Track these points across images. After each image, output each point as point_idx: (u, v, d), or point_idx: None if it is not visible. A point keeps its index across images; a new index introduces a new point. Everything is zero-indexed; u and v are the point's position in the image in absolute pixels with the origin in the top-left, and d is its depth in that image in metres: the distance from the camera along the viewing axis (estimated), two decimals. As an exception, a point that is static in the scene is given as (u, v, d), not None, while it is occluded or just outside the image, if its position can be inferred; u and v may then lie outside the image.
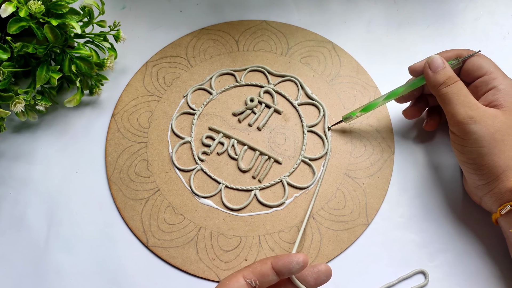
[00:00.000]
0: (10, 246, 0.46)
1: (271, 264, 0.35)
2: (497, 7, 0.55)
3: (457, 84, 0.41)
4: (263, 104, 0.51)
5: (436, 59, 0.42)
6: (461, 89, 0.41)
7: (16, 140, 0.50)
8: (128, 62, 0.54)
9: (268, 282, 0.35)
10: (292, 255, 0.35)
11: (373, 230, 0.45)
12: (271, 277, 0.35)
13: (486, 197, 0.41)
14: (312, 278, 0.36)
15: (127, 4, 0.58)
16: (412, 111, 0.47)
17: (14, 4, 0.42)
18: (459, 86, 0.41)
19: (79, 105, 0.51)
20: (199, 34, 0.55)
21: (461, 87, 0.41)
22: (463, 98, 0.40)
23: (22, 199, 0.48)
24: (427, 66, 0.43)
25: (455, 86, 0.41)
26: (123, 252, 0.45)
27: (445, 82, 0.41)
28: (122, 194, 0.47)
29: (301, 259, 0.34)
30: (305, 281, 0.36)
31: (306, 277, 0.36)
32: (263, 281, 0.35)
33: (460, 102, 0.40)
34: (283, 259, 0.35)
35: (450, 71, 0.42)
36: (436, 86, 0.42)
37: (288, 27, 0.55)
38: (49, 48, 0.46)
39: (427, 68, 0.43)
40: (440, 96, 0.42)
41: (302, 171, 0.48)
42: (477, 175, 0.40)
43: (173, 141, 0.49)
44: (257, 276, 0.35)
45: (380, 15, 0.55)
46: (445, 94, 0.41)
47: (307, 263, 0.35)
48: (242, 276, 0.35)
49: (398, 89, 0.45)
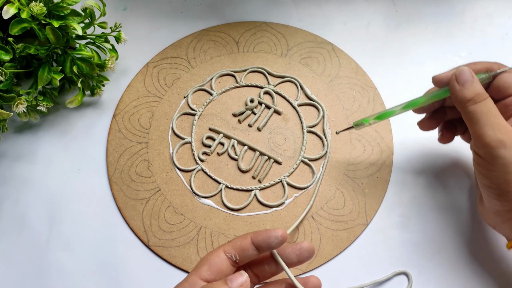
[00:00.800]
0: (11, 245, 0.46)
1: (251, 239, 0.35)
2: (495, 8, 0.55)
3: (486, 102, 0.37)
4: (263, 104, 0.51)
5: (465, 72, 0.38)
6: (491, 108, 0.37)
7: (18, 140, 0.51)
8: (129, 63, 0.54)
9: (248, 256, 0.35)
10: (271, 230, 0.35)
11: (372, 230, 0.45)
12: (251, 251, 0.35)
13: (505, 223, 0.38)
14: (295, 255, 0.36)
15: (128, 6, 0.58)
16: (429, 122, 0.44)
17: (16, 5, 0.42)
18: (488, 104, 0.37)
19: (80, 105, 0.51)
20: (199, 35, 0.55)
21: (491, 106, 0.37)
22: (492, 119, 0.36)
23: (24, 199, 0.48)
24: (454, 78, 0.39)
25: (484, 104, 0.37)
26: (124, 252, 0.45)
27: (473, 99, 0.37)
28: (123, 194, 0.47)
29: (279, 234, 0.35)
30: (288, 258, 0.36)
31: (288, 254, 0.36)
32: (243, 256, 0.35)
33: (489, 123, 0.36)
34: (263, 234, 0.35)
35: (479, 86, 0.38)
36: (463, 102, 0.38)
37: (288, 28, 0.55)
38: (50, 49, 0.46)
39: (454, 81, 0.39)
40: (466, 113, 0.38)
41: (301, 171, 0.48)
42: (500, 201, 0.37)
43: (174, 142, 0.50)
44: (237, 250, 0.35)
45: (379, 16, 0.56)
46: (472, 113, 0.37)
47: (285, 238, 0.35)
48: (223, 251, 0.35)
49: (419, 99, 0.42)
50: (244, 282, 0.32)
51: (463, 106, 0.38)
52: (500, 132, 0.36)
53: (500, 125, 0.36)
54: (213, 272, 0.35)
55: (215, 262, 0.35)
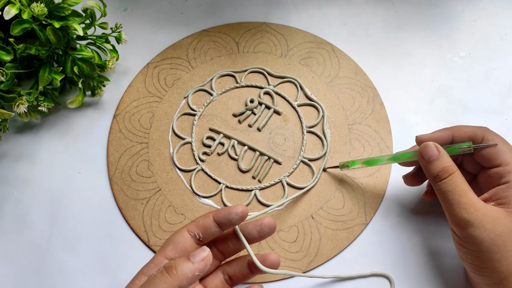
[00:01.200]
0: (13, 245, 0.46)
1: (213, 216, 0.37)
2: (494, 8, 0.56)
3: (452, 178, 0.37)
4: (263, 105, 0.51)
5: (428, 148, 0.38)
6: (458, 185, 0.36)
7: (19, 140, 0.51)
8: (130, 64, 0.54)
9: (211, 234, 0.37)
10: (232, 207, 0.37)
11: (371, 230, 0.45)
12: (214, 229, 0.37)
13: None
14: (256, 231, 0.38)
15: (129, 6, 0.58)
16: (413, 178, 0.44)
17: (17, 6, 0.42)
18: (455, 181, 0.36)
19: (81, 106, 0.51)
20: (199, 35, 0.56)
21: (458, 183, 0.36)
22: (458, 197, 0.36)
23: (25, 199, 0.48)
24: (420, 154, 0.39)
25: (450, 181, 0.36)
26: (124, 251, 0.46)
27: (439, 176, 0.37)
28: (123, 194, 0.48)
29: (239, 210, 0.36)
30: (250, 234, 0.38)
31: (250, 230, 0.38)
32: (206, 233, 0.37)
33: (455, 202, 0.36)
34: (224, 211, 0.37)
35: (446, 160, 0.37)
36: (430, 178, 0.38)
37: (288, 29, 0.55)
38: (51, 50, 0.47)
39: (420, 156, 0.39)
40: (435, 190, 0.38)
41: (301, 171, 0.48)
42: (478, 276, 0.37)
43: (174, 142, 0.50)
44: (200, 229, 0.37)
45: (378, 17, 0.56)
46: (439, 190, 0.37)
47: (246, 213, 0.37)
48: (187, 230, 0.37)
49: (405, 154, 0.41)
50: (206, 257, 0.33)
51: (432, 182, 0.38)
52: (466, 211, 0.35)
53: (468, 204, 0.35)
54: (178, 251, 0.36)
55: (179, 241, 0.36)
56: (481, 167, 0.40)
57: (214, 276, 0.39)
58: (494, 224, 0.35)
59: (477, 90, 0.51)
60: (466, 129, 0.40)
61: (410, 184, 0.44)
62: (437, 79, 0.52)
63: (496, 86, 0.51)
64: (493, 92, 0.51)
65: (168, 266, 0.33)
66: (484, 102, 0.51)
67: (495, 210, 0.36)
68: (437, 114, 0.50)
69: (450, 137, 0.40)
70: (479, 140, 0.39)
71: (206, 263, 0.33)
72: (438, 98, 0.51)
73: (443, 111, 0.50)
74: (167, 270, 0.32)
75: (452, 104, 0.51)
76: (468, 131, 0.39)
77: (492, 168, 0.38)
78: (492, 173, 0.38)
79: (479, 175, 0.41)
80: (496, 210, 0.36)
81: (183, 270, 0.32)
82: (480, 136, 0.39)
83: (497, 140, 0.38)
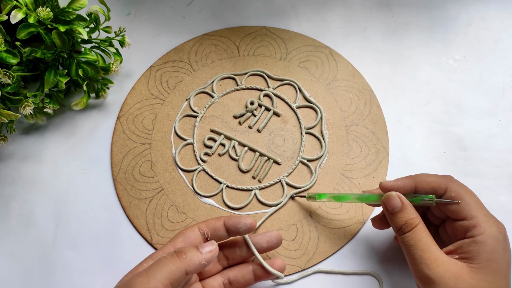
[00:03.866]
0: (19, 243, 0.47)
1: (224, 221, 0.40)
2: (488, 12, 0.56)
3: (415, 232, 0.35)
4: (262, 107, 0.52)
5: (392, 199, 0.37)
6: (420, 239, 0.35)
7: (25, 141, 0.52)
8: (133, 67, 0.55)
9: (219, 236, 0.39)
10: (242, 217, 0.40)
11: (368, 228, 0.46)
12: (222, 233, 0.39)
13: None
14: (265, 241, 0.41)
15: (132, 11, 0.59)
16: (380, 221, 0.42)
17: (24, 11, 0.43)
18: (417, 235, 0.35)
19: (85, 108, 0.52)
20: (201, 39, 0.56)
21: (420, 236, 0.35)
22: (420, 252, 0.35)
23: (31, 198, 0.49)
24: (383, 205, 0.38)
25: (412, 235, 0.35)
26: (128, 250, 0.46)
27: (402, 229, 0.36)
28: (127, 193, 0.48)
29: (248, 222, 0.40)
30: (259, 244, 0.41)
31: (259, 240, 0.41)
32: (214, 235, 0.39)
33: (418, 257, 0.35)
34: (234, 219, 0.40)
35: (409, 213, 0.36)
36: (394, 230, 0.37)
37: (287, 33, 0.56)
38: (57, 53, 0.47)
39: (384, 206, 0.38)
40: (400, 243, 0.37)
41: (300, 172, 0.49)
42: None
43: (176, 143, 0.51)
44: (210, 229, 0.39)
45: (375, 21, 0.57)
46: (403, 244, 0.36)
47: (254, 226, 0.40)
48: (198, 227, 0.39)
49: (371, 196, 0.40)
50: (213, 249, 0.36)
51: (396, 234, 0.37)
52: (428, 267, 0.34)
53: (430, 260, 0.34)
54: (187, 244, 0.38)
55: (189, 236, 0.39)
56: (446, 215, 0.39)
57: (214, 279, 0.41)
58: (456, 281, 0.33)
59: (471, 92, 0.52)
60: (429, 179, 0.38)
61: (378, 227, 0.42)
62: (433, 82, 0.53)
63: (490, 88, 0.52)
64: (487, 94, 0.52)
65: (178, 251, 0.35)
66: (478, 104, 0.51)
67: (458, 265, 0.34)
68: (432, 116, 0.51)
69: (413, 187, 0.38)
70: (442, 192, 0.37)
71: (213, 255, 0.36)
72: (433, 100, 0.52)
73: (439, 113, 0.51)
74: (177, 254, 0.34)
75: (447, 106, 0.51)
76: (431, 182, 0.38)
77: (457, 220, 0.37)
78: (458, 226, 0.37)
79: (447, 223, 0.39)
80: (459, 266, 0.34)
81: (192, 257, 0.34)
82: (443, 187, 0.37)
83: (461, 192, 0.37)
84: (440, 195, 0.37)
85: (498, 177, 0.48)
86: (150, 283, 0.33)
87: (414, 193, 0.39)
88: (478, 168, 0.48)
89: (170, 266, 0.34)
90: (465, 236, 0.36)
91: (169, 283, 0.33)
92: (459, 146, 0.49)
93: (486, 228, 0.35)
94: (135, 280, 0.33)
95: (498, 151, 0.49)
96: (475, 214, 0.36)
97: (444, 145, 0.49)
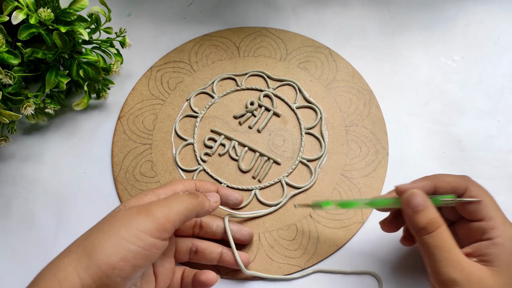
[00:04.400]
0: (20, 243, 0.47)
1: (218, 188, 0.42)
2: (487, 13, 0.56)
3: (439, 232, 0.34)
4: (262, 107, 0.52)
5: (416, 196, 0.35)
6: (445, 241, 0.34)
7: (26, 141, 0.52)
8: (134, 67, 0.55)
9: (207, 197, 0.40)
10: (235, 192, 0.44)
11: (368, 228, 0.46)
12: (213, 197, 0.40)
13: None
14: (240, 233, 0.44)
15: (133, 12, 0.59)
16: (390, 224, 0.41)
17: (25, 11, 0.43)
18: (442, 236, 0.34)
19: (86, 108, 0.52)
20: (201, 40, 0.57)
21: (445, 238, 0.34)
22: (446, 254, 0.33)
23: (32, 198, 0.49)
24: (406, 202, 0.36)
25: (437, 235, 0.34)
26: (128, 249, 0.46)
27: (425, 228, 0.34)
28: (127, 193, 0.49)
29: (239, 198, 0.44)
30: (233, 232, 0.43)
31: (235, 228, 0.44)
32: None
33: (442, 258, 0.33)
34: (227, 190, 0.43)
35: (433, 212, 0.34)
36: (415, 230, 0.35)
37: (287, 33, 0.56)
38: (58, 54, 0.47)
39: (406, 205, 0.36)
40: (420, 244, 0.35)
41: (300, 172, 0.49)
42: None
43: (177, 143, 0.51)
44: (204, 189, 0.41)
45: (375, 22, 0.57)
46: (425, 245, 0.34)
47: (241, 202, 0.44)
48: (195, 184, 0.41)
49: (383, 200, 0.39)
50: (217, 201, 0.39)
51: (416, 234, 0.35)
52: (453, 269, 0.33)
53: (455, 262, 0.33)
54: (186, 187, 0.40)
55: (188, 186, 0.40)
56: (460, 216, 0.38)
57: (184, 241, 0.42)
58: (480, 285, 0.32)
59: (470, 92, 0.52)
60: (448, 179, 0.37)
61: (387, 230, 0.41)
62: (432, 82, 0.53)
63: (489, 89, 0.52)
64: (486, 94, 0.52)
65: (193, 193, 0.37)
66: (477, 104, 0.52)
67: (480, 268, 0.33)
68: (431, 116, 0.51)
69: (432, 188, 0.37)
70: (462, 191, 0.36)
71: (217, 206, 0.39)
72: (432, 100, 0.52)
73: (438, 113, 0.51)
74: (192, 195, 0.36)
75: (446, 106, 0.52)
76: (450, 182, 0.37)
77: (473, 221, 0.36)
78: (474, 227, 0.36)
79: (458, 224, 0.38)
80: (480, 269, 0.33)
81: (204, 202, 0.37)
82: (463, 187, 0.36)
83: (480, 193, 0.36)
84: (460, 195, 0.37)
85: (497, 177, 0.48)
86: (170, 214, 0.34)
87: (433, 194, 0.38)
88: (477, 168, 0.48)
89: (188, 204, 0.35)
90: (482, 238, 0.35)
91: (183, 220, 0.35)
92: (458, 146, 0.49)
93: (504, 230, 0.34)
94: (155, 209, 0.34)
95: (497, 151, 0.49)
96: (493, 215, 0.35)
97: (443, 145, 0.50)
